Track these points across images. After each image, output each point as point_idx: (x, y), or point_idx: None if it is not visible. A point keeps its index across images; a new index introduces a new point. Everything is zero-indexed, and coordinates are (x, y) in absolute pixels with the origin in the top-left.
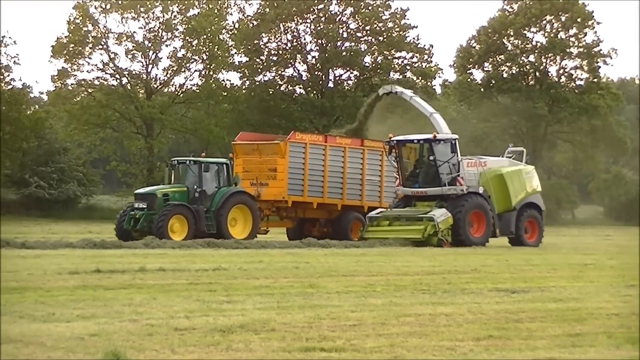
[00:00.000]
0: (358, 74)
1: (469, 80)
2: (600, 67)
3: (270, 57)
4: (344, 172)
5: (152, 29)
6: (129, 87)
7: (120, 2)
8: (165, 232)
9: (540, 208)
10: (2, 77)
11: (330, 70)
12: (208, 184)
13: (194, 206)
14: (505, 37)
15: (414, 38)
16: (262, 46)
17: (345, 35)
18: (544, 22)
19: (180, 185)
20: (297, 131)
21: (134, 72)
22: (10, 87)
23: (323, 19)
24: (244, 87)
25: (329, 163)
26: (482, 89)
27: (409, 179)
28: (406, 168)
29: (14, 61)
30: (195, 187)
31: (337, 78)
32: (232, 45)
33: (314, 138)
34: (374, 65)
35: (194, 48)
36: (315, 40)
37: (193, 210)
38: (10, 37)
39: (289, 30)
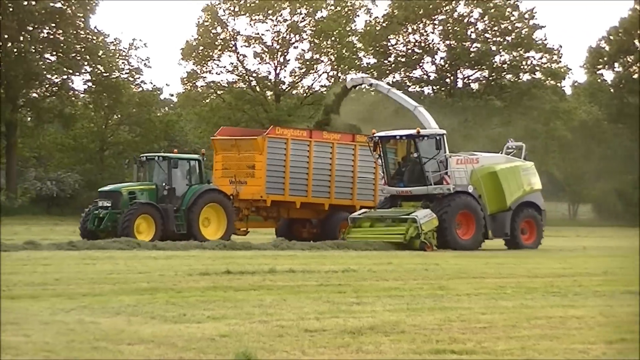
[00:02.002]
0: (487, 75)
1: (599, 80)
2: None
3: (398, 58)
4: (332, 169)
5: (280, 31)
6: (257, 90)
7: (249, 5)
8: (130, 233)
9: (539, 207)
10: (133, 79)
11: (458, 70)
12: (178, 182)
13: (163, 205)
14: (637, 38)
15: (542, 38)
16: (390, 47)
17: (473, 35)
18: None
19: (148, 183)
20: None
21: (262, 75)
22: (140, 89)
23: (451, 19)
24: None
25: (314, 160)
26: (612, 90)
27: (395, 178)
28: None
29: (145, 63)
30: (164, 184)
31: (466, 78)
32: (360, 47)
33: (296, 133)
34: (503, 65)
35: (322, 50)
36: (444, 41)
37: (161, 210)
38: (140, 40)
39: (417, 31)
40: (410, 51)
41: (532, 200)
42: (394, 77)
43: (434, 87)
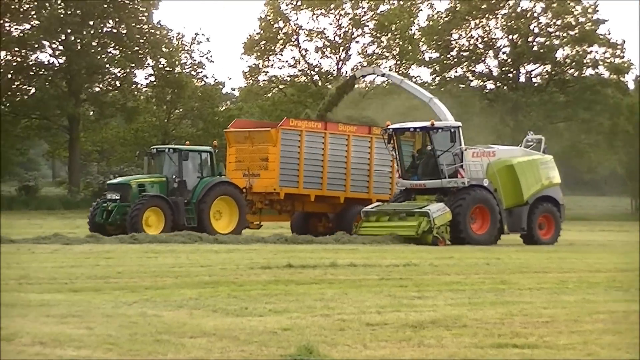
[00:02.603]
0: (550, 69)
1: None
2: None
3: (461, 53)
4: (348, 162)
5: (342, 25)
6: (319, 84)
7: None
8: (139, 226)
9: (557, 202)
10: (195, 73)
11: (521, 65)
12: (189, 174)
13: (173, 198)
14: None
15: (605, 33)
16: (452, 42)
17: (536, 30)
18: None
19: (158, 176)
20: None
21: (324, 69)
22: (203, 83)
23: (514, 14)
24: (434, 83)
25: (330, 152)
26: None
27: (409, 171)
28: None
29: (207, 58)
30: (175, 177)
31: (529, 73)
32: (422, 41)
33: (311, 125)
34: (565, 60)
35: (384, 44)
36: (507, 35)
37: (170, 202)
38: (203, 34)
39: (479, 26)
40: (472, 46)
41: (551, 195)
42: (456, 72)
43: (497, 83)
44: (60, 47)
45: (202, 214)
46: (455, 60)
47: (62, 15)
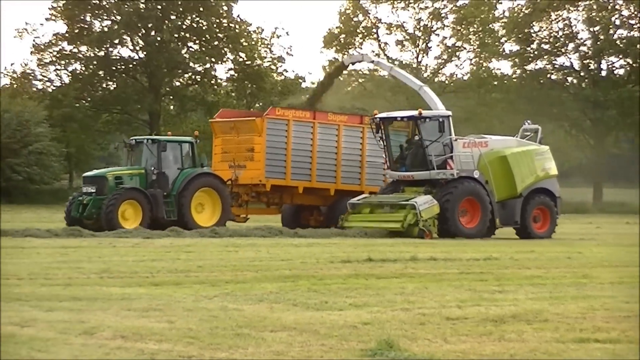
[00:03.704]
0: (631, 62)
1: None
2: None
3: (542, 46)
4: (338, 152)
5: (422, 19)
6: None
7: None
8: (115, 220)
9: (554, 194)
10: (275, 67)
11: (603, 58)
12: (169, 166)
13: (151, 190)
14: None
15: None
16: (533, 34)
17: (618, 22)
18: None
19: (137, 168)
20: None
21: (404, 62)
22: (282, 77)
23: (595, 6)
24: (514, 75)
25: (319, 142)
26: None
27: (398, 162)
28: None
29: (287, 52)
30: (153, 168)
31: (611, 66)
32: (502, 34)
33: (298, 114)
34: None
35: (464, 37)
36: (588, 28)
37: (148, 195)
38: (283, 28)
39: (560, 18)
40: (553, 38)
41: (547, 187)
42: (536, 65)
43: (580, 74)
44: (141, 43)
45: (182, 207)
46: (536, 52)
47: (142, 11)
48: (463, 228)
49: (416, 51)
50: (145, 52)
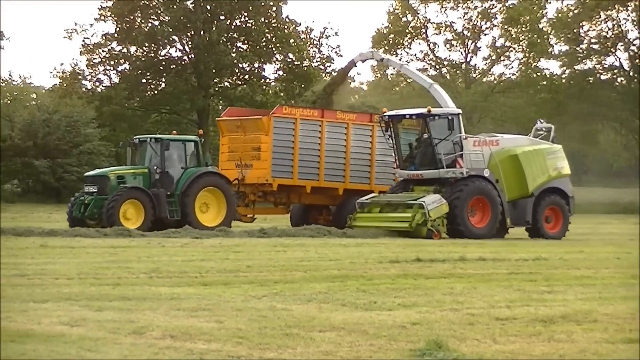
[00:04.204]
0: None
1: None
2: None
3: (591, 46)
4: (347, 151)
5: (471, 18)
6: (448, 77)
7: None
8: (116, 219)
9: (566, 194)
10: (324, 67)
11: None
12: (173, 165)
13: (154, 190)
14: None
15: None
16: (582, 34)
17: None
18: None
19: (140, 167)
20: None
21: (453, 62)
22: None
23: None
24: (563, 75)
25: (327, 141)
26: None
27: (407, 160)
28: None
29: (336, 52)
30: (156, 167)
31: None
32: (551, 34)
33: (306, 113)
34: None
35: (513, 37)
36: (637, 28)
37: (151, 194)
38: (331, 29)
39: (609, 18)
40: (602, 38)
41: (559, 186)
42: (585, 65)
43: (630, 74)
44: (190, 43)
45: (185, 207)
46: (585, 52)
47: (191, 12)
48: (472, 228)
49: (465, 51)
50: (194, 53)
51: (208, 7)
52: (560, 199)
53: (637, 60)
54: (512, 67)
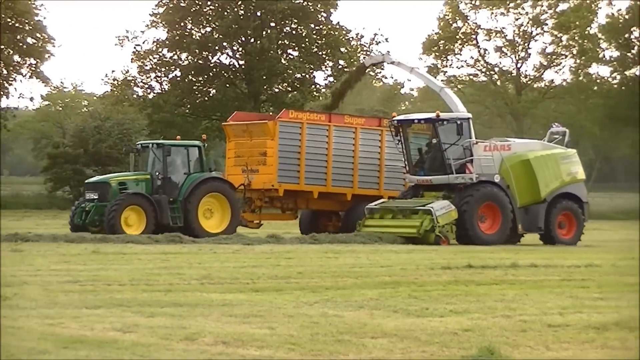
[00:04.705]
0: None
1: None
2: None
3: None
4: (355, 156)
5: (521, 24)
6: (498, 83)
7: None
8: (117, 226)
9: (580, 199)
10: (374, 74)
11: None
12: (176, 171)
13: (156, 196)
14: None
15: None
16: (633, 40)
17: None
18: None
19: (142, 173)
20: None
21: (503, 68)
22: (381, 83)
23: None
24: (614, 81)
25: (334, 146)
26: None
27: (417, 165)
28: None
29: None
30: (158, 173)
31: None
32: (602, 39)
33: (313, 117)
34: None
35: (564, 43)
36: None
37: (152, 200)
38: (382, 35)
39: None
40: None
41: (572, 192)
42: (636, 70)
43: None
44: (241, 50)
45: (188, 213)
46: (636, 57)
47: (242, 18)
48: (482, 234)
49: (516, 57)
50: (245, 60)
51: (259, 14)
52: (574, 205)
53: None
54: (563, 72)
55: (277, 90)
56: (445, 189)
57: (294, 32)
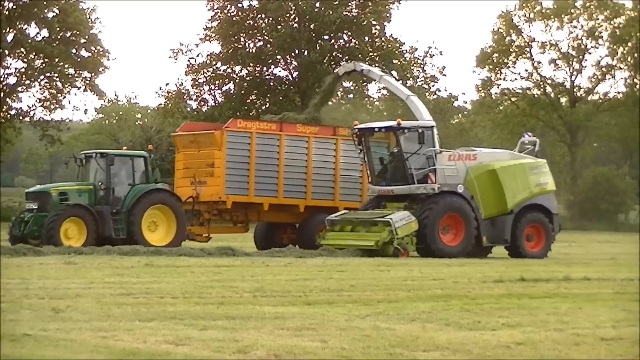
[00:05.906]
0: None
1: None
2: None
3: None
4: (308, 166)
5: (576, 37)
6: (552, 96)
7: (544, 11)
8: (57, 238)
9: (550, 211)
10: (428, 87)
11: None
12: (120, 182)
13: (98, 207)
14: None
15: None
16: None
17: None
18: None
19: (85, 183)
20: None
21: (557, 81)
22: (435, 96)
23: None
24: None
25: (286, 156)
26: None
27: (380, 175)
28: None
29: (440, 71)
30: (100, 184)
31: None
32: None
33: (263, 126)
34: None
35: (619, 56)
36: None
37: (94, 212)
38: (436, 48)
39: None
40: None
41: (542, 203)
42: None
43: None
44: (294, 62)
45: (132, 225)
46: None
47: (296, 31)
48: (444, 246)
49: (570, 70)
50: (297, 72)
51: (312, 26)
52: (543, 216)
53: None
54: (618, 85)
55: (330, 103)
56: (408, 200)
57: (347, 45)
